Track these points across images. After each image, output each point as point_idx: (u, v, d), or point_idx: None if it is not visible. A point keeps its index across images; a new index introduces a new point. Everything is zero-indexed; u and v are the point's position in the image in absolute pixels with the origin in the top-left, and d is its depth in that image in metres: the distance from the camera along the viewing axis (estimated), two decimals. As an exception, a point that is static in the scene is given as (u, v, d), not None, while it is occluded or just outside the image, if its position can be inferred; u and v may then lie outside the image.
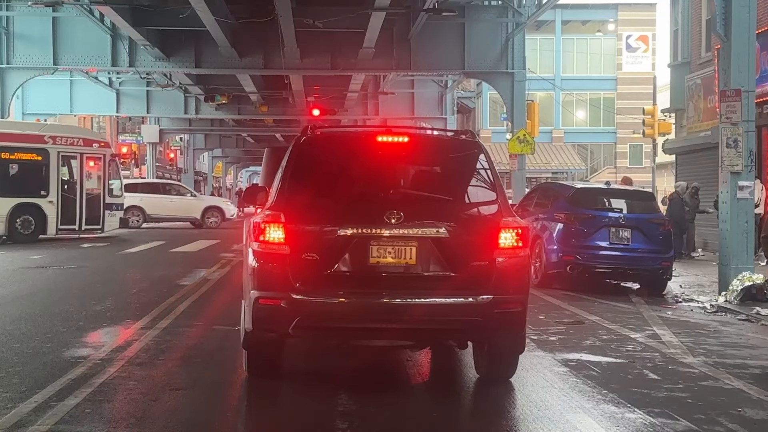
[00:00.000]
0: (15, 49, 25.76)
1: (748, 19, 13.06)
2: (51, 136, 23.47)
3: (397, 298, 6.22)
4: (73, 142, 23.86)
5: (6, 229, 22.27)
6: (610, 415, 6.03)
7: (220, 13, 21.41)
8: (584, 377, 7.25)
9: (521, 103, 26.13)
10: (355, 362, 7.55)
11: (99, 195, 24.32)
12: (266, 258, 6.24)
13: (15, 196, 22.51)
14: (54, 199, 23.05)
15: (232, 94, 34.63)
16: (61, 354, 7.73)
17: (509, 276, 6.34)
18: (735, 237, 13.02)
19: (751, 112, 13.06)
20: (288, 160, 6.73)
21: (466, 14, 25.57)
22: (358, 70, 28.04)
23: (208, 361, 7.62)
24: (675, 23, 27.61)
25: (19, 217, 22.50)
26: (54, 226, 23.07)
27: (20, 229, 22.51)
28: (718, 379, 7.39)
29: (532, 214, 14.99)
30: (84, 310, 10.40)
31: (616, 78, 55.22)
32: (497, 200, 6.63)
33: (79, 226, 23.74)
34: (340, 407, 6.16)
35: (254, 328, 6.36)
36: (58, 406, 5.89)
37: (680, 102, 26.47)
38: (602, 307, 11.92)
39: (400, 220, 6.19)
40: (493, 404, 6.52)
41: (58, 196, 23.12)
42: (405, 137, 6.82)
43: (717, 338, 9.74)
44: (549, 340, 9.10)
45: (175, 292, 12.33)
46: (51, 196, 23.03)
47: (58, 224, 23.13)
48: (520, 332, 6.63)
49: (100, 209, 24.25)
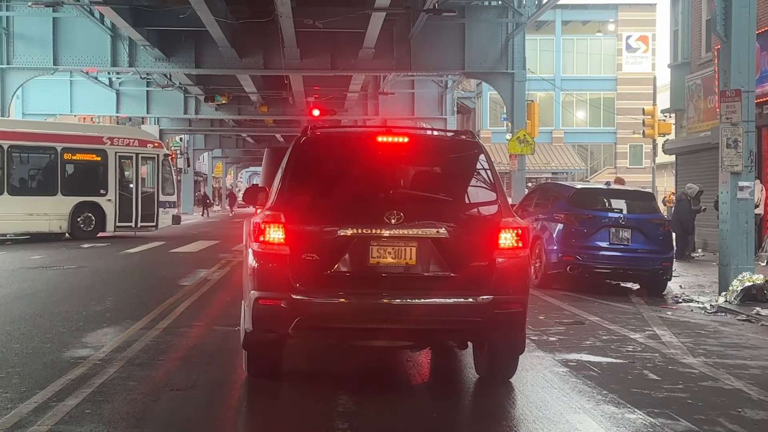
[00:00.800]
0: (15, 50, 25.81)
1: (748, 20, 13.05)
2: (109, 137, 24.90)
3: (397, 299, 6.21)
4: (129, 143, 25.21)
5: (69, 226, 23.70)
6: (610, 416, 6.03)
7: (220, 14, 21.43)
8: (584, 378, 7.24)
9: (521, 103, 26.15)
10: (355, 363, 7.54)
11: (153, 193, 25.66)
12: (266, 258, 6.24)
13: (76, 195, 23.93)
14: (112, 197, 24.55)
15: (232, 94, 34.65)
16: (61, 354, 7.73)
17: (509, 276, 6.33)
18: (735, 237, 13.02)
19: (751, 113, 13.06)
20: (288, 160, 6.73)
21: (466, 14, 25.60)
22: (358, 71, 28.07)
23: (208, 362, 7.61)
24: (675, 23, 27.62)
25: (81, 215, 23.92)
26: (112, 224, 24.55)
27: (82, 227, 23.97)
28: (718, 379, 7.39)
29: (532, 214, 15.00)
30: (84, 311, 10.40)
31: (616, 78, 55.25)
32: (497, 200, 6.63)
33: (135, 224, 25.16)
34: (340, 407, 6.15)
35: (254, 329, 6.35)
36: (58, 406, 5.89)
37: (680, 102, 26.47)
38: (602, 308, 11.92)
39: (400, 221, 6.19)
40: (493, 405, 6.51)
41: (116, 194, 24.56)
42: (405, 137, 6.82)
43: (717, 339, 9.74)
44: (549, 340, 9.10)
45: (175, 292, 12.33)
46: (109, 195, 24.52)
47: (116, 222, 24.59)
48: (520, 333, 6.62)
49: (154, 207, 25.58)
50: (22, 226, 23.26)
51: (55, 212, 23.48)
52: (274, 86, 34.27)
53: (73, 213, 23.78)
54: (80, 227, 23.92)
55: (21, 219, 22.93)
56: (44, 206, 23.29)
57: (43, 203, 23.34)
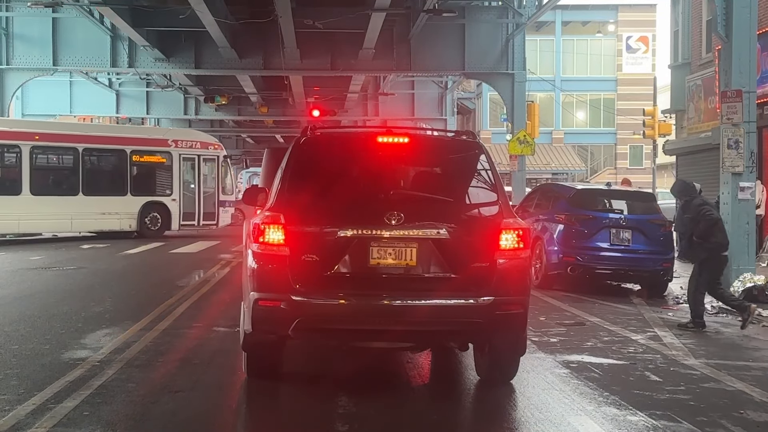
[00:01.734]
0: (15, 50, 25.72)
1: (749, 20, 13.04)
2: (174, 140, 26.29)
3: (397, 300, 6.17)
4: (191, 145, 26.55)
5: (137, 225, 24.97)
6: (612, 418, 5.99)
7: (219, 14, 21.36)
8: (585, 379, 7.21)
9: (521, 103, 26.09)
10: (355, 364, 7.51)
11: (213, 193, 26.91)
12: (266, 259, 6.20)
13: (144, 195, 25.22)
14: (177, 197, 25.79)
15: (232, 95, 34.56)
16: (60, 356, 7.69)
17: (510, 277, 6.30)
18: (736, 238, 12.96)
19: (753, 113, 13.03)
20: (288, 160, 6.69)
21: (467, 15, 25.53)
22: (358, 71, 28.00)
23: (207, 363, 7.58)
24: (675, 24, 27.57)
25: (148, 214, 25.15)
26: (177, 223, 25.77)
27: (149, 226, 25.20)
28: (720, 381, 7.36)
29: (533, 215, 14.95)
30: (83, 312, 10.36)
31: (616, 79, 55.19)
32: (498, 201, 6.60)
33: (198, 222, 26.50)
34: (340, 409, 6.12)
35: (254, 330, 6.32)
36: (56, 408, 5.85)
37: (681, 103, 26.42)
38: (603, 309, 11.88)
39: (401, 221, 6.15)
40: (494, 406, 6.48)
41: (180, 194, 25.74)
42: (405, 138, 6.78)
43: (718, 340, 9.72)
44: (550, 341, 9.06)
45: (175, 293, 12.29)
46: (174, 195, 25.77)
47: (180, 221, 25.75)
48: (521, 334, 6.59)
49: (215, 206, 26.88)
50: (95, 225, 24.51)
51: (125, 211, 24.80)
52: (273, 87, 34.19)
53: (141, 212, 25.01)
54: (148, 226, 25.12)
55: (94, 218, 24.16)
56: (115, 206, 24.56)
57: (114, 203, 24.60)
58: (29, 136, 23.63)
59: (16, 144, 23.23)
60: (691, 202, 10.73)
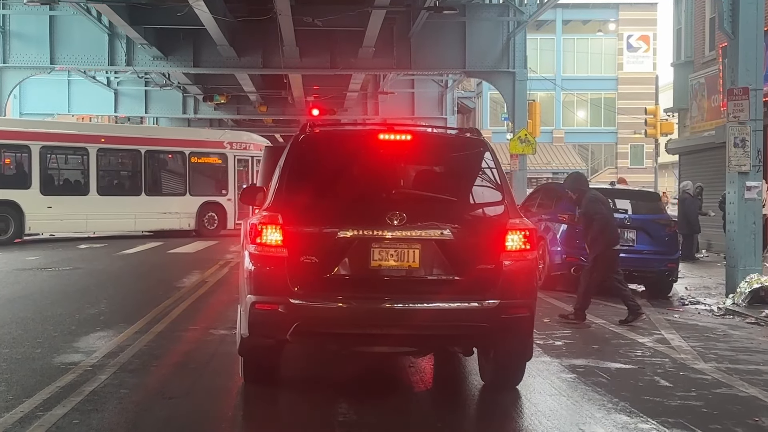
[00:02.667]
0: (11, 48, 25.50)
1: (755, 16, 12.80)
2: (229, 142, 27.54)
3: (399, 303, 5.95)
4: (245, 147, 27.75)
5: (196, 224, 26.21)
6: (622, 426, 5.77)
7: (218, 12, 21.15)
8: (593, 384, 6.99)
9: (522, 102, 25.90)
10: (355, 369, 7.28)
11: None
12: (263, 261, 5.98)
13: (202, 195, 26.46)
14: (232, 197, 26.59)
15: (231, 93, 34.38)
16: (52, 360, 7.48)
17: (516, 280, 6.07)
18: (742, 238, 12.76)
19: (759, 111, 12.80)
20: (286, 159, 6.47)
21: (467, 13, 25.33)
22: (357, 70, 27.81)
23: (203, 368, 7.36)
24: (678, 22, 27.36)
25: (206, 214, 26.41)
26: (232, 222, 26.65)
27: (207, 225, 26.42)
28: (731, 386, 7.13)
29: (535, 215, 14.72)
30: (77, 314, 10.15)
31: (616, 78, 55.03)
32: (503, 201, 6.38)
33: None
34: (339, 416, 5.91)
35: (251, 334, 6.10)
36: (45, 416, 5.63)
37: (683, 101, 26.22)
38: (608, 310, 11.66)
39: (403, 222, 5.93)
40: (500, 413, 6.26)
41: (235, 194, 26.43)
42: (407, 135, 6.56)
43: (727, 342, 9.49)
44: (555, 344, 8.84)
45: (172, 294, 12.09)
46: (230, 195, 26.84)
47: (236, 219, 26.42)
48: (527, 338, 6.37)
49: None
50: (156, 224, 25.69)
51: (184, 211, 25.89)
52: (273, 86, 33.98)
53: (199, 212, 26.22)
54: (205, 225, 26.36)
55: (156, 217, 25.48)
56: (175, 205, 25.77)
57: (174, 203, 25.80)
58: (96, 138, 25.02)
59: (84, 147, 24.49)
60: (584, 196, 10.85)
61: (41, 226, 23.67)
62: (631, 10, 55.29)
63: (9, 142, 23.28)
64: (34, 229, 23.45)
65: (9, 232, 22.58)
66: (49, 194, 23.44)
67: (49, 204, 23.23)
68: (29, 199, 22.99)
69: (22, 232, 22.87)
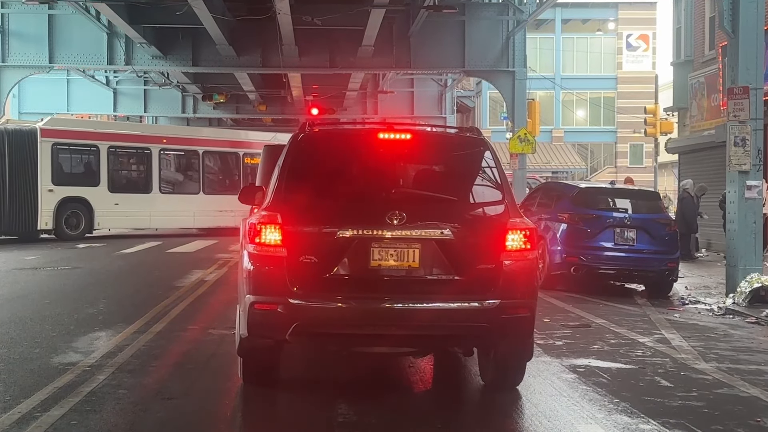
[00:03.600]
0: (10, 48, 25.42)
1: (756, 15, 12.77)
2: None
3: (399, 303, 5.92)
4: None
5: None
6: (623, 426, 5.74)
7: (217, 11, 21.10)
8: (594, 384, 6.96)
9: (522, 101, 25.84)
10: (355, 370, 7.26)
11: None
12: (262, 261, 5.94)
13: None
14: None
15: (230, 93, 34.31)
16: (49, 360, 7.44)
17: (517, 279, 6.04)
18: (743, 238, 12.73)
19: (760, 110, 12.78)
20: (285, 158, 6.43)
21: (467, 12, 25.27)
22: (357, 69, 27.75)
23: (202, 368, 7.32)
24: (678, 21, 27.33)
25: None
26: None
27: None
28: (733, 386, 7.10)
29: (535, 214, 14.66)
30: (76, 314, 10.11)
31: (616, 77, 54.99)
32: (504, 200, 6.34)
33: None
34: (339, 417, 5.87)
35: (250, 335, 6.06)
36: (43, 417, 5.60)
37: (683, 100, 26.18)
38: (608, 310, 11.64)
39: (403, 221, 5.90)
40: (500, 414, 6.23)
41: None
42: (407, 134, 6.53)
43: (728, 342, 9.46)
44: (555, 344, 8.81)
45: (171, 294, 12.05)
46: None
47: None
48: (527, 338, 6.34)
49: None
50: (213, 222, 26.31)
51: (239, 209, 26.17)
52: (272, 85, 33.92)
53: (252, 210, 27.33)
54: None
55: (212, 215, 26.16)
56: (230, 204, 25.60)
57: (229, 201, 25.67)
58: (158, 139, 26.42)
59: (148, 147, 25.78)
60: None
61: (109, 222, 24.93)
62: (630, 9, 55.24)
63: (80, 141, 24.60)
64: (103, 225, 24.75)
65: (80, 227, 23.95)
66: (116, 192, 24.85)
67: (116, 201, 24.64)
68: (98, 196, 24.37)
69: (92, 228, 24.26)
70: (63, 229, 23.54)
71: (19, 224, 23.11)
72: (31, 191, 23.15)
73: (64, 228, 23.59)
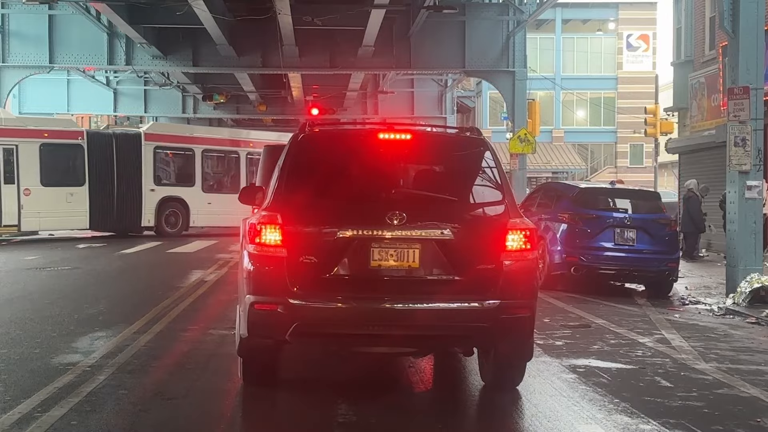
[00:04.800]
0: (11, 48, 25.47)
1: (756, 15, 12.77)
2: None
3: (399, 303, 5.92)
4: None
5: None
6: (623, 427, 5.74)
7: (217, 11, 21.12)
8: (594, 385, 6.96)
9: (522, 101, 25.86)
10: (355, 370, 7.25)
11: None
12: (262, 261, 5.94)
13: None
14: None
15: (230, 93, 34.33)
16: (50, 360, 7.44)
17: (517, 280, 6.04)
18: (743, 238, 12.73)
19: (760, 110, 12.77)
20: (285, 158, 6.43)
21: (467, 12, 25.29)
22: (357, 69, 27.77)
23: (202, 368, 7.32)
24: (678, 21, 27.31)
25: None
26: None
27: None
28: (733, 386, 7.10)
29: (535, 214, 14.66)
30: (76, 314, 10.11)
31: (616, 77, 54.95)
32: (504, 200, 6.34)
33: None
34: (339, 417, 5.87)
35: (250, 335, 6.06)
36: (43, 417, 5.59)
37: (683, 101, 26.17)
38: (608, 310, 11.64)
39: (403, 222, 5.90)
40: (500, 414, 6.23)
41: None
42: (407, 134, 6.53)
43: (728, 342, 9.46)
44: (555, 344, 8.81)
45: (171, 294, 12.04)
46: None
47: None
48: (527, 339, 6.34)
49: None
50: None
51: None
52: (272, 85, 33.94)
53: None
54: None
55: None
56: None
57: None
58: (246, 143, 28.05)
59: (236, 150, 27.62)
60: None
61: (202, 220, 26.43)
62: (630, 10, 55.21)
63: (178, 145, 26.55)
64: (197, 223, 26.27)
65: (178, 225, 25.70)
66: (209, 192, 26.60)
67: (209, 200, 26.30)
68: (193, 195, 26.12)
69: (188, 225, 25.95)
70: (163, 227, 25.28)
71: (125, 222, 24.91)
72: (135, 191, 24.90)
73: (164, 225, 25.33)
